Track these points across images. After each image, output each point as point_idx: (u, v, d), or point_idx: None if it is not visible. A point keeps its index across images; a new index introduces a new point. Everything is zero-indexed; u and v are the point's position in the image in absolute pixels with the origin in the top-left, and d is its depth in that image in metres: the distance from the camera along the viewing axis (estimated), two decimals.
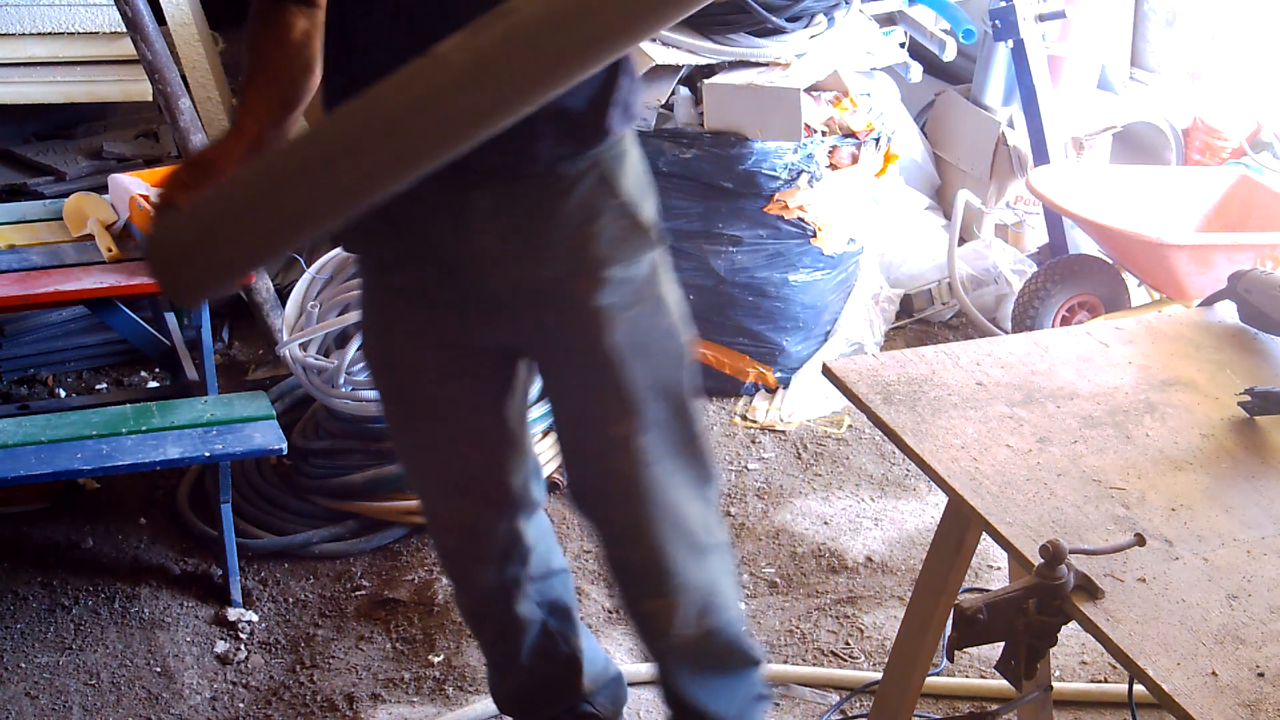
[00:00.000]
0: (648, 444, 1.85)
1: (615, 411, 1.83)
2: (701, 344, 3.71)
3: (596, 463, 1.92)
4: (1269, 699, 1.36)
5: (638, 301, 1.81)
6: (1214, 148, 4.28)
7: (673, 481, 1.89)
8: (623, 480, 1.88)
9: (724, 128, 3.48)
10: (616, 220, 1.80)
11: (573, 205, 1.78)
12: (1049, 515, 1.63)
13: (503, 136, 1.50)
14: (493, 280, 1.81)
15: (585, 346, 1.81)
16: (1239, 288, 2.07)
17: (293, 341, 3.07)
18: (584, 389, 1.87)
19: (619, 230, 1.79)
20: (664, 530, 1.91)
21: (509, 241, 1.77)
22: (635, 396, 1.83)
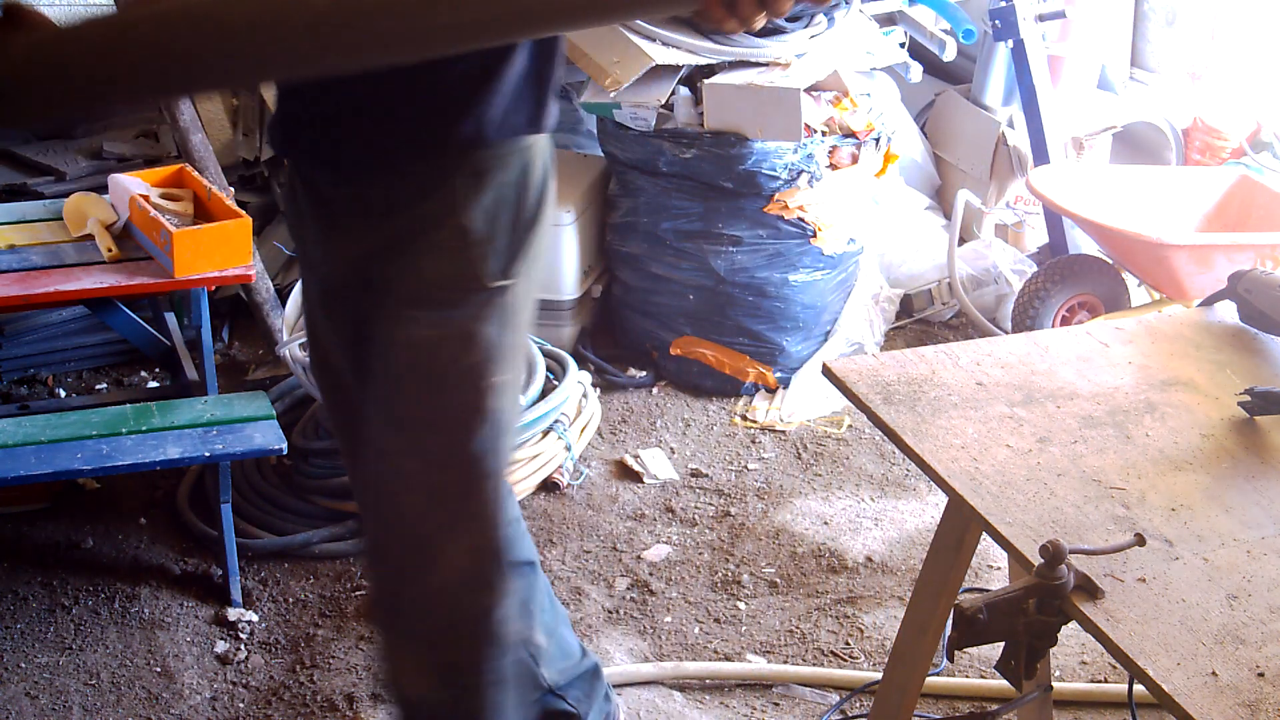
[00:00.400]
0: (409, 471, 1.74)
1: (386, 430, 1.74)
2: (701, 344, 3.71)
3: (367, 465, 1.83)
4: (1269, 699, 1.36)
5: (443, 325, 1.68)
6: (1214, 148, 4.28)
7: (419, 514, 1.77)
8: (375, 494, 1.80)
9: (724, 128, 3.48)
10: (448, 240, 1.65)
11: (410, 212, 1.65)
12: (1049, 515, 1.63)
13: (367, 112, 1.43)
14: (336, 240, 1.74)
15: (382, 349, 1.73)
16: (1239, 288, 2.07)
17: (293, 341, 3.07)
18: (370, 389, 1.78)
19: (447, 251, 1.65)
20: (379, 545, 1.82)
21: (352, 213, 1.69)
22: (404, 418, 1.72)
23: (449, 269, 1.65)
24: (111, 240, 2.92)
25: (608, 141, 3.71)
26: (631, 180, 3.67)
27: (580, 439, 3.37)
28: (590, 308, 3.88)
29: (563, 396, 3.28)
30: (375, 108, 1.61)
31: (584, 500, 3.25)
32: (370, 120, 1.63)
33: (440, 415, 1.71)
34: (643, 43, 3.50)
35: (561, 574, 2.98)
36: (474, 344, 1.67)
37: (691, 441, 3.52)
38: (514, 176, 1.66)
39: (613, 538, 3.12)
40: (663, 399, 3.71)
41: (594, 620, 2.84)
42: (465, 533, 1.77)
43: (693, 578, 2.99)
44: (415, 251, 1.65)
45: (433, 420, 1.71)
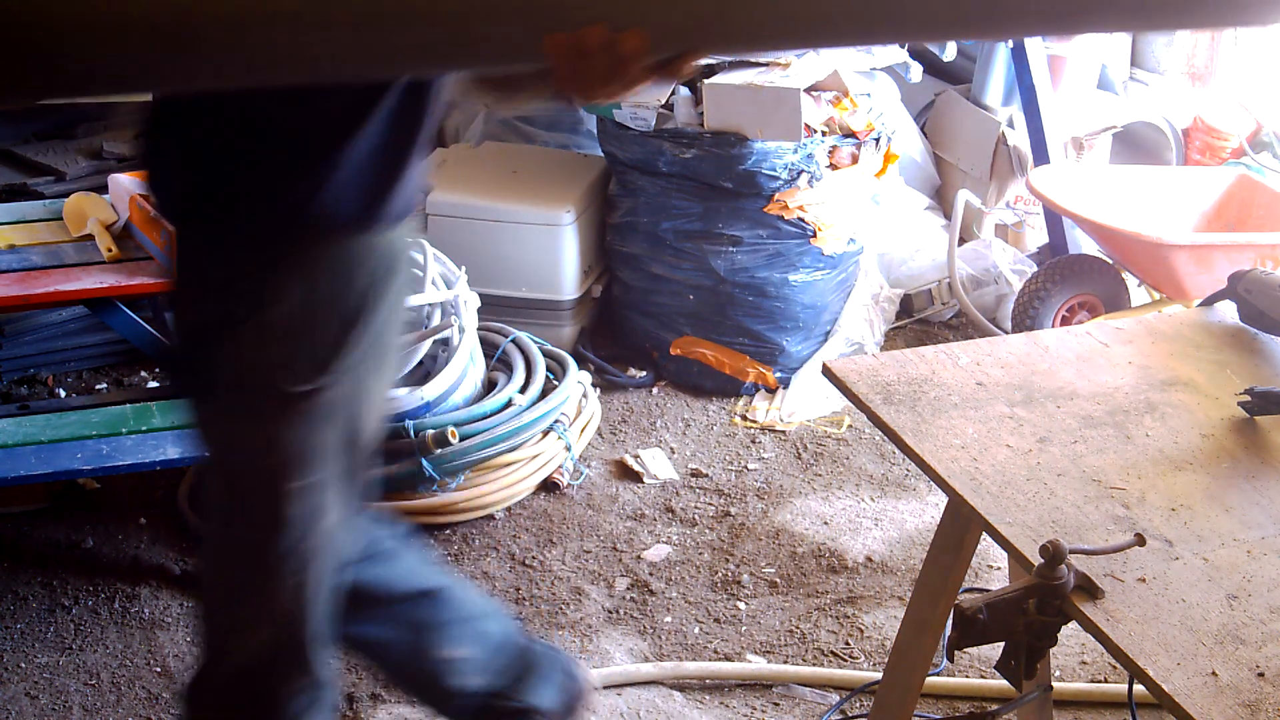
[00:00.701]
0: (215, 557, 1.72)
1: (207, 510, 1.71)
2: (701, 344, 3.71)
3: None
4: (1269, 699, 1.36)
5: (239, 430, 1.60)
6: (1214, 148, 4.28)
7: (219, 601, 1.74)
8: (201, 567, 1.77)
9: (724, 128, 3.48)
10: (252, 334, 1.54)
11: (222, 298, 1.56)
12: (1049, 515, 1.63)
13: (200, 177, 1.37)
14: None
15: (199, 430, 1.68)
16: (1239, 288, 2.07)
17: None
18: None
19: (250, 343, 1.55)
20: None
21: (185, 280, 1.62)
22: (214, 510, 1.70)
23: (248, 366, 1.56)
24: (111, 240, 2.92)
25: (608, 141, 3.71)
26: (631, 180, 3.67)
27: (580, 439, 3.37)
28: (590, 308, 3.88)
29: (563, 396, 3.29)
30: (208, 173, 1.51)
31: (584, 500, 3.25)
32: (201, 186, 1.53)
33: (238, 514, 1.65)
34: None
35: (561, 574, 2.98)
36: (273, 448, 1.57)
37: (691, 441, 3.52)
38: (335, 273, 1.54)
39: (613, 538, 3.12)
40: (663, 399, 3.71)
41: (594, 620, 2.84)
42: (262, 627, 1.70)
43: (693, 578, 2.99)
44: (224, 341, 1.55)
45: (231, 517, 1.66)
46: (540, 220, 3.64)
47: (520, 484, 3.18)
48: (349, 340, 1.56)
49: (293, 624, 1.70)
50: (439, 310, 3.10)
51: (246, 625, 1.72)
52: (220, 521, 1.68)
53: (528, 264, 3.68)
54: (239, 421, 1.59)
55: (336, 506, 1.66)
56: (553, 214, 3.64)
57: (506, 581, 2.95)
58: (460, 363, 3.10)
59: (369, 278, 1.56)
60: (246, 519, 1.65)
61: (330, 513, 1.66)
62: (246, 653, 1.74)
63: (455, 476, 3.08)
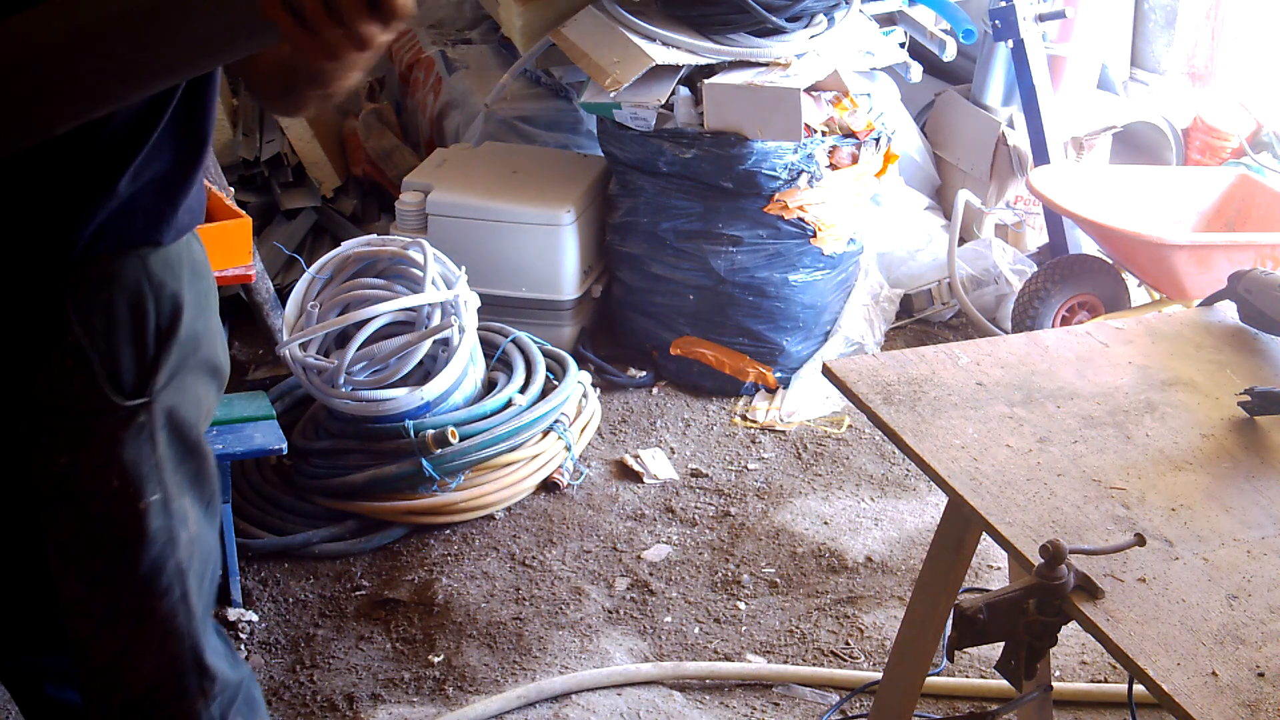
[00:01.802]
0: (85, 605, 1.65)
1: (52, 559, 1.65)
2: (701, 344, 3.71)
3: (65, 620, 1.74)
4: (1269, 699, 1.36)
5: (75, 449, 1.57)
6: (1214, 148, 4.28)
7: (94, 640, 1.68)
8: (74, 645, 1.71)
9: (724, 128, 3.48)
10: (64, 360, 1.52)
11: (15, 327, 1.52)
12: (1049, 515, 1.63)
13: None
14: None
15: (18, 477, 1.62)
16: (1239, 288, 2.08)
17: (293, 341, 3.07)
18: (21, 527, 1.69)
19: (64, 372, 1.52)
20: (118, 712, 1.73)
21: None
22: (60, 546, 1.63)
23: (68, 391, 1.53)
24: None
25: (608, 141, 3.71)
26: (631, 180, 3.67)
27: (580, 439, 3.37)
28: (590, 308, 3.88)
29: (563, 396, 3.29)
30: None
31: (584, 500, 3.25)
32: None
33: (95, 541, 1.61)
34: (643, 43, 3.51)
35: (561, 574, 2.98)
36: (112, 468, 1.57)
37: (691, 441, 3.52)
38: (132, 288, 1.53)
39: (613, 538, 3.12)
40: (663, 399, 3.71)
41: (594, 620, 2.84)
42: (150, 651, 1.68)
43: (693, 578, 2.99)
44: (34, 371, 1.52)
45: (88, 547, 1.63)
46: (540, 220, 3.65)
47: (520, 484, 3.18)
48: (166, 352, 1.57)
49: (182, 640, 1.69)
50: (439, 310, 3.11)
51: (130, 656, 1.69)
52: (75, 558, 1.64)
53: (528, 264, 3.68)
54: (71, 449, 1.58)
55: (193, 514, 1.67)
56: (553, 214, 3.64)
57: (506, 581, 2.95)
58: (460, 363, 3.10)
59: (168, 293, 1.56)
60: (106, 545, 1.63)
61: (189, 522, 1.66)
62: (141, 682, 1.71)
63: (455, 476, 3.08)
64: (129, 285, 1.53)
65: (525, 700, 2.59)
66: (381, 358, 3.05)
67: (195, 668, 1.72)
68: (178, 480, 1.64)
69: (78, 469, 1.58)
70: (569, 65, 3.86)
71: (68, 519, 1.61)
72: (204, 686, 1.73)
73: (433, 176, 3.76)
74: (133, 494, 1.59)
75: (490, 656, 2.72)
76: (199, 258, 1.65)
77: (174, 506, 1.64)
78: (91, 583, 1.64)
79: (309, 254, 3.90)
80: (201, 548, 1.70)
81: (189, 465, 1.66)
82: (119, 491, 1.59)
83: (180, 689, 1.72)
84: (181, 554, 1.66)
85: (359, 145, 4.36)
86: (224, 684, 1.75)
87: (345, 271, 3.21)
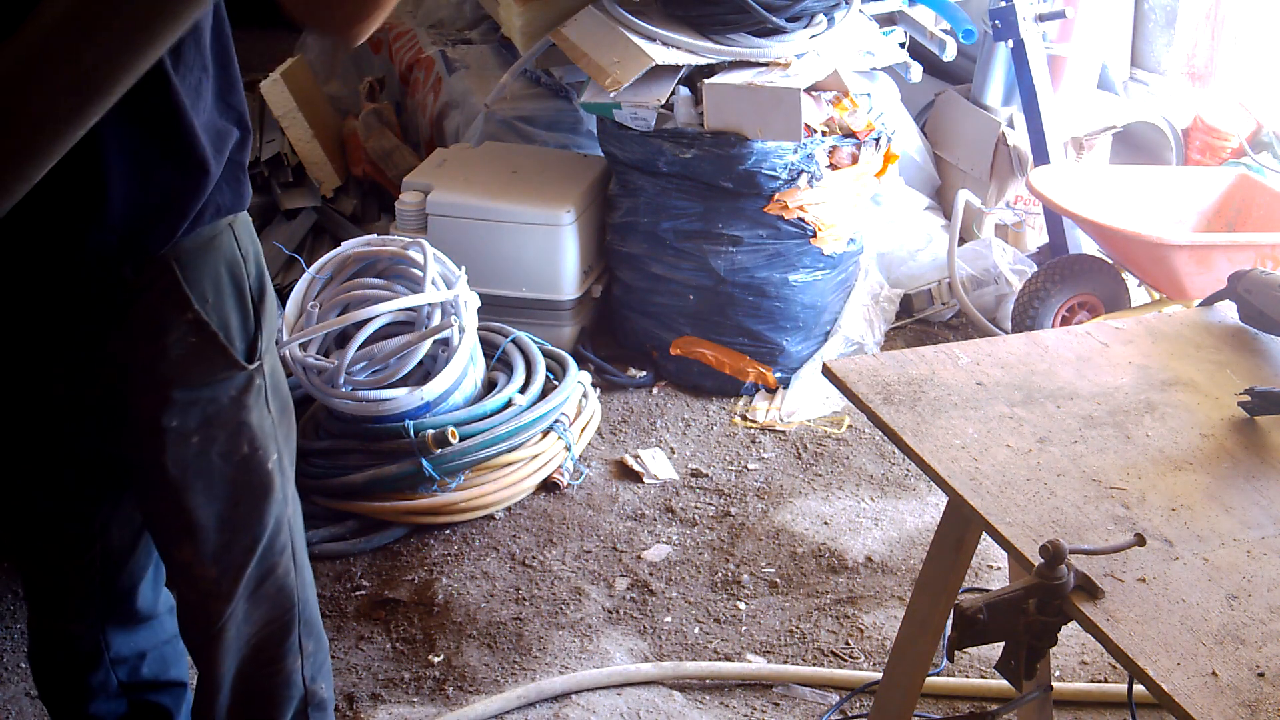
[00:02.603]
0: (215, 577, 1.71)
1: (176, 537, 1.70)
2: (701, 344, 3.71)
3: (173, 587, 1.80)
4: (1269, 699, 1.36)
5: (206, 426, 1.62)
6: (1214, 148, 4.28)
7: (238, 622, 1.75)
8: (190, 609, 1.77)
9: (724, 128, 3.48)
10: (186, 338, 1.56)
11: (135, 316, 1.55)
12: (1049, 515, 1.63)
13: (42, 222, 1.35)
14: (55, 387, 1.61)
15: (148, 465, 1.64)
16: (1239, 288, 2.07)
17: (293, 341, 3.07)
18: (148, 510, 1.73)
19: (189, 349, 1.57)
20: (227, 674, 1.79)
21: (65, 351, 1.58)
22: (195, 524, 1.67)
23: (197, 366, 1.58)
24: None
25: (608, 141, 3.71)
26: (631, 180, 3.67)
27: (580, 439, 3.37)
28: (590, 308, 3.88)
29: (563, 396, 3.29)
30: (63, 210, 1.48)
31: (584, 500, 3.25)
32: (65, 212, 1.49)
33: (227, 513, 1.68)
34: (643, 43, 3.51)
35: (561, 574, 2.98)
36: (243, 433, 1.64)
37: (691, 441, 3.52)
38: (230, 256, 1.59)
39: (613, 538, 3.12)
40: (663, 399, 3.71)
41: (594, 620, 2.84)
42: (264, 612, 1.77)
43: (693, 578, 2.99)
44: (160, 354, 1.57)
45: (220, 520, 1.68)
46: (540, 220, 3.65)
47: (520, 484, 3.18)
48: (261, 312, 1.64)
49: (289, 594, 1.78)
50: (439, 310, 3.11)
51: (250, 620, 1.77)
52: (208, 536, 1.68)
53: (528, 264, 3.68)
54: (204, 427, 1.62)
55: (289, 471, 1.76)
56: (553, 214, 3.64)
57: (506, 581, 2.95)
58: (460, 363, 3.10)
59: (252, 256, 1.63)
60: (239, 514, 1.69)
61: (290, 478, 1.75)
62: (249, 644, 1.78)
63: (455, 476, 3.08)
64: (227, 253, 1.59)
65: (525, 700, 2.59)
66: (381, 358, 3.05)
67: (300, 621, 1.81)
68: (283, 437, 1.72)
69: (210, 442, 1.62)
70: (569, 65, 3.86)
71: (200, 495, 1.66)
72: (304, 645, 1.82)
73: (433, 176, 3.76)
74: (261, 456, 1.67)
75: (490, 656, 2.72)
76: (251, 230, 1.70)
77: (285, 464, 1.73)
78: (221, 560, 1.69)
79: (309, 254, 3.90)
80: (296, 503, 1.79)
81: (286, 423, 1.74)
82: (249, 457, 1.66)
83: (287, 643, 1.81)
84: (290, 510, 1.75)
85: (359, 145, 4.36)
86: (319, 641, 1.85)
87: (345, 271, 3.21)
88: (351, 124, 4.43)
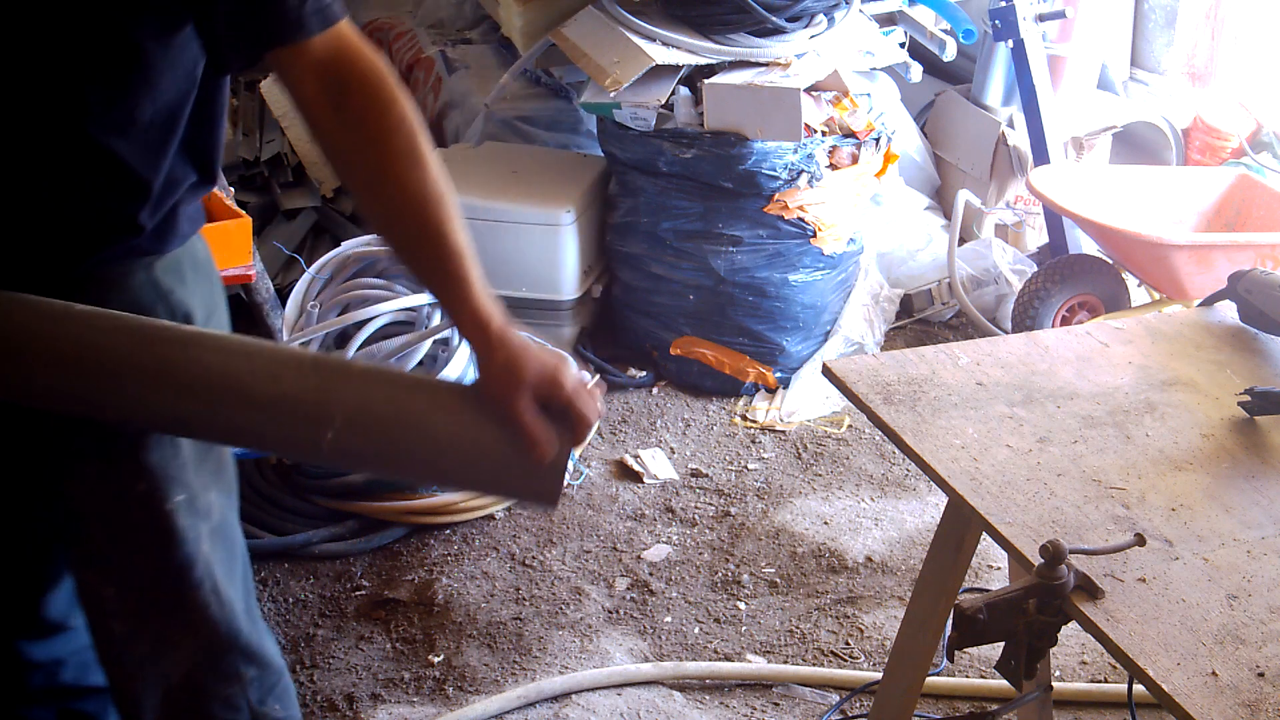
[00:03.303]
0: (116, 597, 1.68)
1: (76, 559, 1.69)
2: (701, 344, 3.71)
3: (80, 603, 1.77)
4: (1269, 699, 1.36)
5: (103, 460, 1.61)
6: (1214, 148, 4.28)
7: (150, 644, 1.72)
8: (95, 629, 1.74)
9: (724, 128, 3.48)
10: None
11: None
12: (1049, 515, 1.63)
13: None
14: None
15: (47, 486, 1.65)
16: (1239, 288, 2.07)
17: (292, 341, 3.07)
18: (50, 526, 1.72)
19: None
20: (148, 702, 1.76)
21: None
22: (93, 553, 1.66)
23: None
24: None
25: (608, 141, 3.71)
26: (631, 180, 3.67)
27: None
28: (590, 308, 3.88)
29: None
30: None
31: (584, 500, 3.25)
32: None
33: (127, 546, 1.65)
34: (643, 43, 3.51)
35: (561, 574, 2.98)
36: (139, 472, 1.61)
37: (691, 441, 3.52)
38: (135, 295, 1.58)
39: (613, 538, 3.12)
40: (663, 399, 3.71)
41: (594, 620, 2.84)
42: (186, 639, 1.71)
43: (693, 578, 2.99)
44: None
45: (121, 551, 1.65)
46: (540, 220, 3.64)
47: None
48: None
49: (213, 625, 1.72)
50: (439, 310, 3.10)
51: (168, 642, 1.72)
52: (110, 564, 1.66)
53: (528, 264, 3.68)
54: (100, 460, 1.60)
55: (217, 506, 1.70)
56: (553, 214, 3.64)
57: (506, 581, 2.95)
58: (460, 363, 3.10)
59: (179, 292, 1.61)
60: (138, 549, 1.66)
61: (213, 515, 1.69)
62: (177, 670, 1.73)
63: None
64: (132, 292, 1.55)
65: (525, 700, 2.59)
66: (381, 358, 3.05)
67: (233, 650, 1.74)
68: (202, 478, 1.66)
69: (106, 477, 1.60)
70: (569, 65, 3.86)
71: (99, 526, 1.63)
72: (241, 671, 1.75)
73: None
74: (160, 497, 1.61)
75: (490, 656, 2.72)
76: (202, 257, 1.67)
77: (199, 503, 1.66)
78: (124, 585, 1.66)
79: (309, 254, 3.90)
80: (226, 538, 1.73)
81: (210, 461, 1.68)
82: (146, 495, 1.61)
83: (219, 671, 1.75)
84: (206, 547, 1.68)
85: None
86: (265, 667, 1.78)
87: (345, 271, 3.21)
88: None
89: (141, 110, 1.46)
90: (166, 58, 1.44)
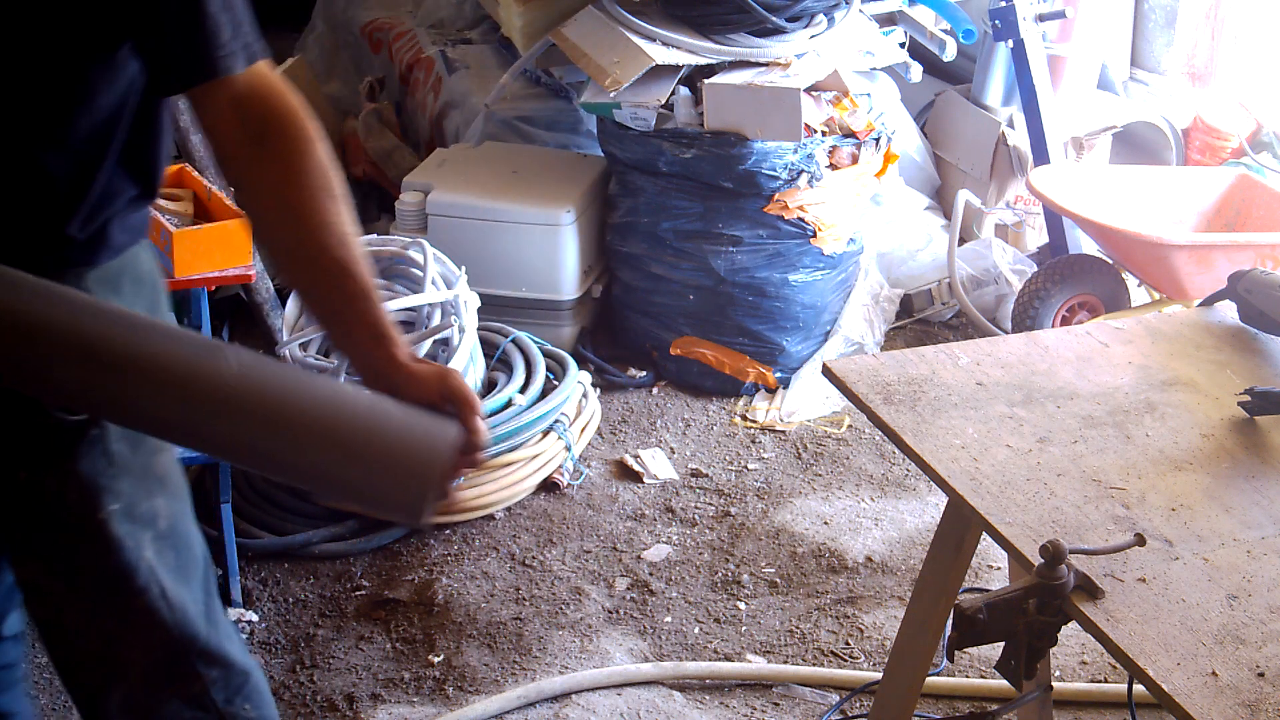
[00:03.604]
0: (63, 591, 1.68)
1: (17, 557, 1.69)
2: (701, 344, 3.71)
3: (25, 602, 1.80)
4: (1269, 699, 1.36)
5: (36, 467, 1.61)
6: (1214, 148, 4.28)
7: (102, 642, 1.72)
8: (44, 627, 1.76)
9: (724, 128, 3.48)
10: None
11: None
12: (1049, 515, 1.63)
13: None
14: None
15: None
16: (1239, 288, 2.07)
17: (293, 341, 3.07)
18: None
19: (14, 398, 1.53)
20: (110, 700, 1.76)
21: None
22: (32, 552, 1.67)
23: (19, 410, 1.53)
24: None
25: (608, 141, 3.71)
26: (631, 180, 3.67)
27: (580, 439, 3.37)
28: (590, 308, 3.88)
29: (563, 396, 3.29)
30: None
31: (584, 500, 3.25)
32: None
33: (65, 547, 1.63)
34: (643, 43, 3.51)
35: (561, 574, 2.98)
36: (70, 481, 1.59)
37: (691, 441, 3.52)
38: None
39: (613, 538, 3.12)
40: (663, 399, 3.71)
41: (594, 620, 2.84)
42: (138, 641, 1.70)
43: (693, 578, 2.99)
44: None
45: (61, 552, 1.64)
46: (540, 220, 3.65)
47: (520, 484, 3.18)
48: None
49: (165, 629, 1.70)
50: (439, 310, 3.10)
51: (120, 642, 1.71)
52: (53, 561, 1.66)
53: (528, 264, 3.68)
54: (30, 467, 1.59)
55: (165, 511, 1.68)
56: (553, 214, 3.64)
57: (506, 581, 2.95)
58: (460, 363, 3.10)
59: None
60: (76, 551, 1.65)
61: (159, 521, 1.67)
62: (133, 671, 1.72)
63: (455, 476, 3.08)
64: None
65: (525, 700, 2.59)
66: None
67: (190, 653, 1.72)
68: (144, 486, 1.64)
69: (37, 483, 1.59)
70: (569, 65, 3.86)
71: (37, 527, 1.62)
72: (200, 672, 1.73)
73: (433, 176, 3.76)
74: (91, 506, 1.60)
75: (490, 656, 2.72)
76: (144, 268, 1.64)
77: (140, 510, 1.64)
78: (70, 581, 1.65)
79: None
80: (178, 543, 1.70)
81: (154, 470, 1.66)
82: (77, 504, 1.60)
83: (178, 673, 1.73)
84: (150, 553, 1.66)
85: (359, 145, 4.36)
86: (228, 668, 1.76)
87: None
88: (351, 124, 4.43)
89: (77, 126, 1.46)
90: (105, 76, 1.44)
